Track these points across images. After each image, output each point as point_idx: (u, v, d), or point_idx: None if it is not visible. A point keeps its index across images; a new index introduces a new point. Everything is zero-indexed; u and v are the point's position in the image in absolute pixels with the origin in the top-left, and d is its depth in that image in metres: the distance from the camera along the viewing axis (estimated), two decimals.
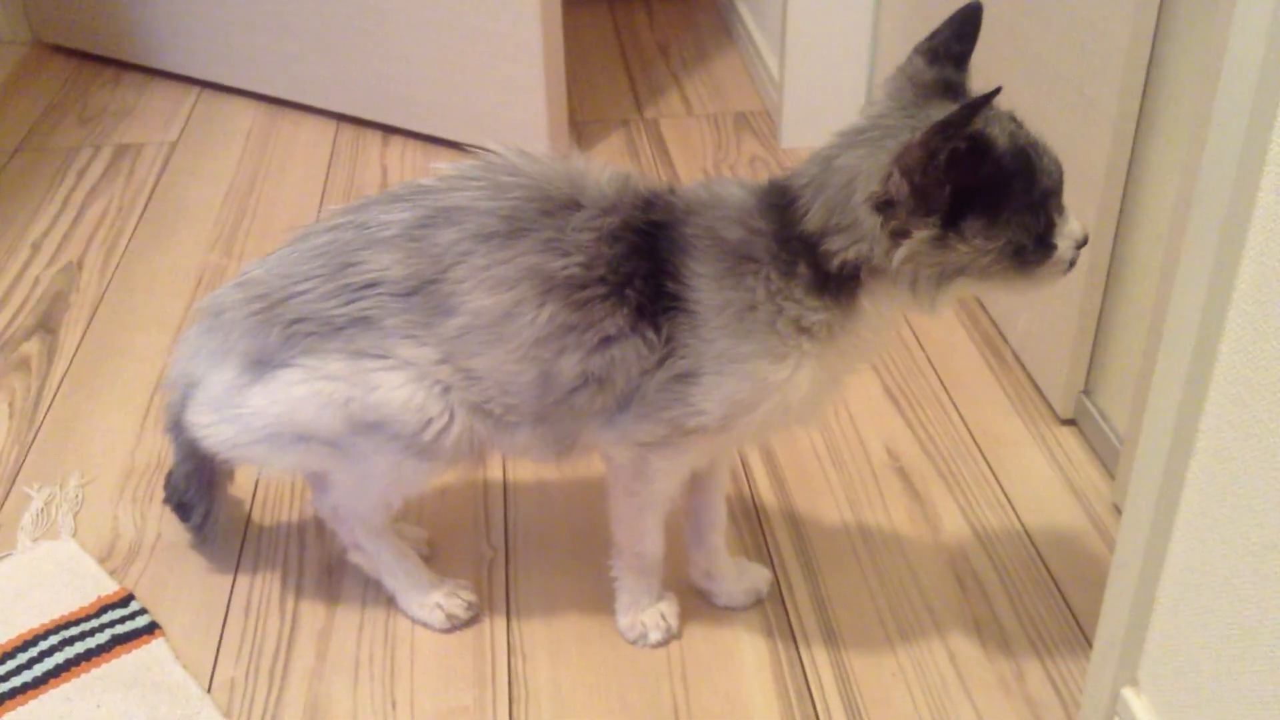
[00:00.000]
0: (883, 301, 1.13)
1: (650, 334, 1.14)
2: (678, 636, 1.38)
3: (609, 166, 1.21)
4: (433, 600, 1.38)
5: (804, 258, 1.11)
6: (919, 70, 1.13)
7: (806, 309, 1.12)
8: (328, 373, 1.19)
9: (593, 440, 1.23)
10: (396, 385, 1.18)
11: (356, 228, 1.20)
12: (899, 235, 1.07)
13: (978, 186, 1.04)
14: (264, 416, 1.22)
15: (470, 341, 1.17)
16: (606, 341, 1.15)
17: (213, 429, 1.26)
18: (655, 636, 1.36)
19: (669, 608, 1.37)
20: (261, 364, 1.22)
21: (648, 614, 1.36)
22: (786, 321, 1.12)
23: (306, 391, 1.20)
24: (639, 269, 1.14)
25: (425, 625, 1.39)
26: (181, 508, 1.45)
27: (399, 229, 1.18)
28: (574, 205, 1.16)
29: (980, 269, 1.08)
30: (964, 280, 1.10)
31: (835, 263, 1.10)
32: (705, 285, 1.13)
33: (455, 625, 1.38)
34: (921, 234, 1.06)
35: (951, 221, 1.05)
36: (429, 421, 1.19)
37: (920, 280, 1.09)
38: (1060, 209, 1.10)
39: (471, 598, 1.40)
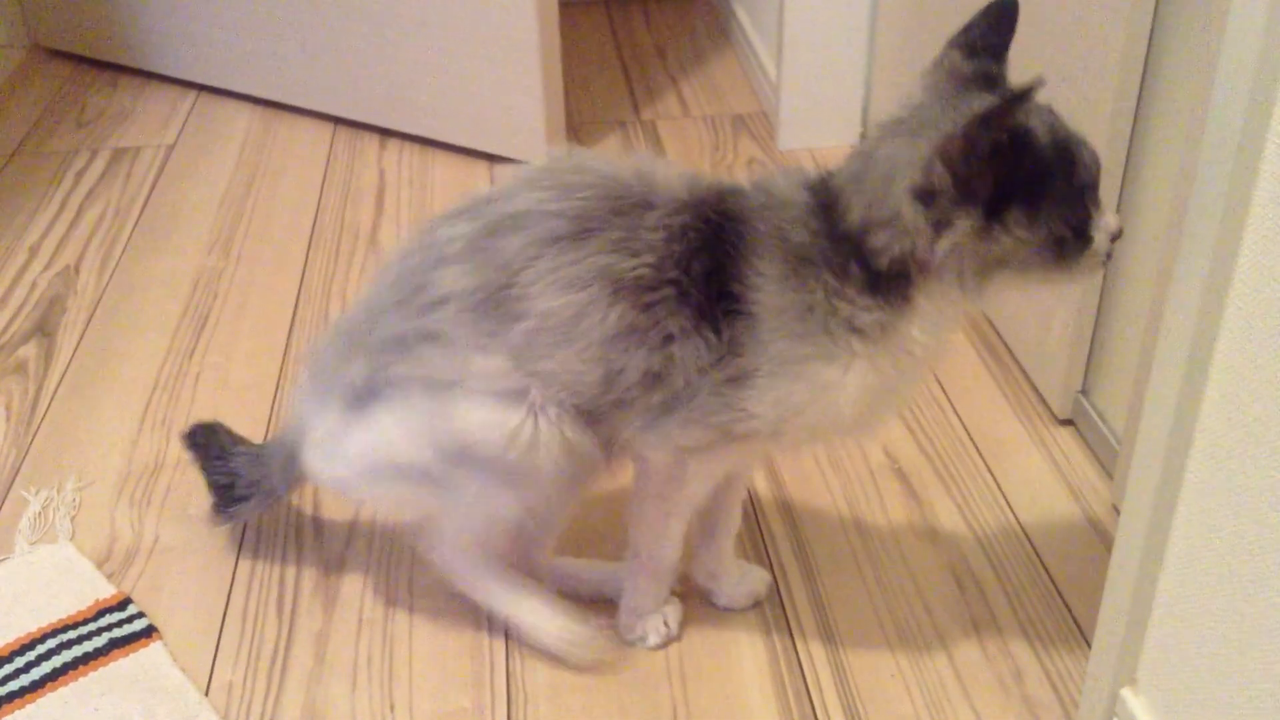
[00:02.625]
0: (936, 298, 1.12)
1: (710, 334, 1.14)
2: (676, 639, 1.37)
3: (675, 165, 1.20)
4: (559, 626, 1.34)
5: (854, 257, 1.11)
6: (957, 64, 1.13)
7: (859, 309, 1.11)
8: (411, 405, 1.20)
9: (631, 441, 1.21)
10: (473, 408, 1.18)
11: (424, 250, 1.21)
12: (941, 226, 1.06)
13: (1020, 178, 1.04)
14: (363, 453, 1.24)
15: (539, 344, 1.15)
16: (669, 340, 1.14)
17: (325, 471, 1.29)
18: (654, 640, 1.36)
19: (672, 612, 1.37)
20: (357, 400, 1.24)
21: (650, 617, 1.36)
22: (839, 321, 1.11)
23: (395, 425, 1.21)
24: (704, 265, 1.13)
25: (555, 655, 1.35)
26: (223, 490, 1.45)
27: (465, 242, 1.18)
28: (647, 204, 1.15)
29: (1021, 261, 1.08)
30: (1006, 273, 1.09)
31: (884, 260, 1.09)
32: (768, 286, 1.12)
33: (583, 656, 1.34)
34: (964, 224, 1.06)
35: (994, 212, 1.06)
36: (513, 435, 1.17)
37: (965, 273, 1.09)
38: (1097, 202, 1.10)
39: (596, 629, 1.35)
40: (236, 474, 1.45)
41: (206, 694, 1.32)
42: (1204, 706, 1.05)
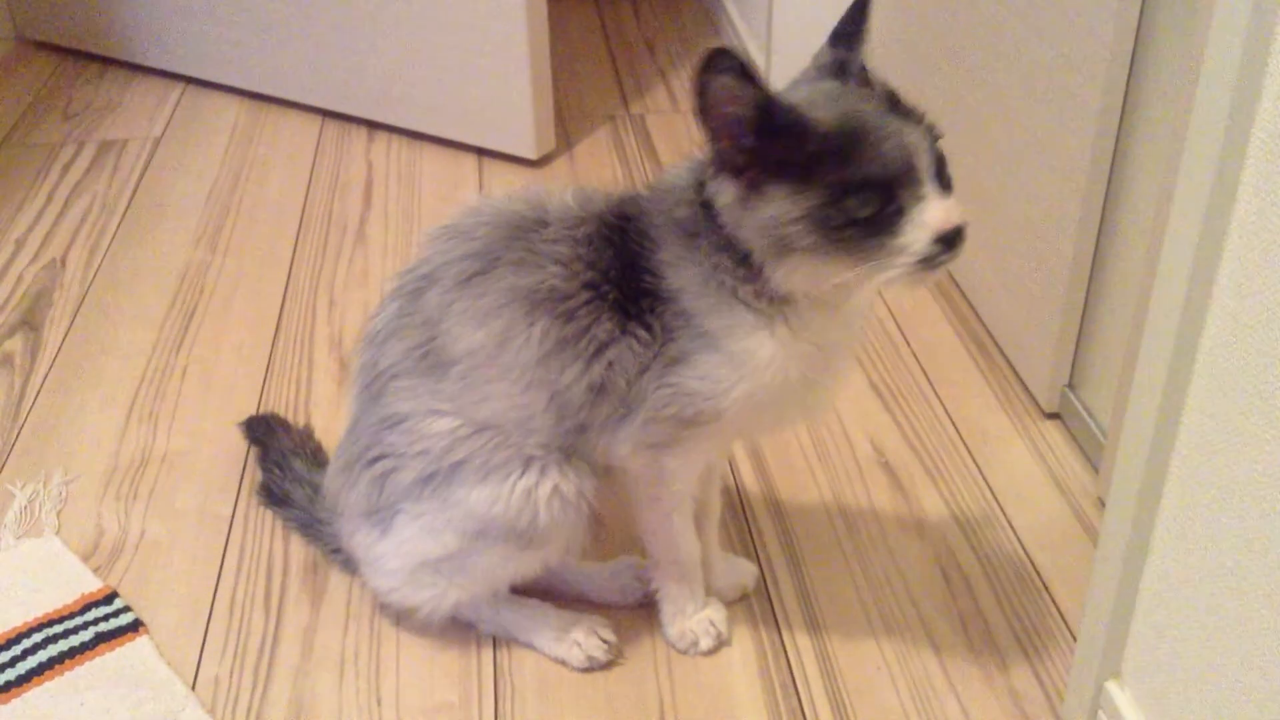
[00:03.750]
0: (785, 278, 1.10)
1: (641, 331, 1.14)
2: (728, 643, 1.37)
3: (570, 187, 1.22)
4: (571, 638, 1.35)
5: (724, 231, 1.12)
6: (822, 52, 1.14)
7: (739, 280, 1.11)
8: (421, 507, 1.24)
9: (606, 454, 1.22)
10: (471, 490, 1.21)
11: (367, 342, 1.25)
12: (716, 194, 1.08)
13: (781, 155, 1.03)
14: (397, 559, 1.28)
15: (476, 384, 1.17)
16: (603, 348, 1.15)
17: (376, 583, 1.34)
18: (706, 643, 1.35)
19: (716, 613, 1.37)
20: (378, 518, 1.28)
21: (695, 621, 1.35)
22: (728, 294, 1.12)
23: (416, 529, 1.25)
24: (614, 265, 1.15)
25: (563, 663, 1.34)
26: (271, 495, 1.53)
27: (394, 320, 1.22)
28: (541, 223, 1.17)
29: (806, 243, 1.04)
30: (801, 255, 1.05)
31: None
32: (670, 271, 1.14)
33: (594, 666, 1.34)
34: (728, 193, 1.07)
35: (754, 185, 1.05)
36: (512, 503, 1.20)
37: (764, 250, 1.07)
38: (918, 196, 1.03)
39: (611, 638, 1.35)
40: (290, 499, 1.50)
41: (193, 688, 1.32)
42: (1188, 699, 1.05)
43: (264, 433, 1.59)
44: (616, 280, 1.14)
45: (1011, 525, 1.53)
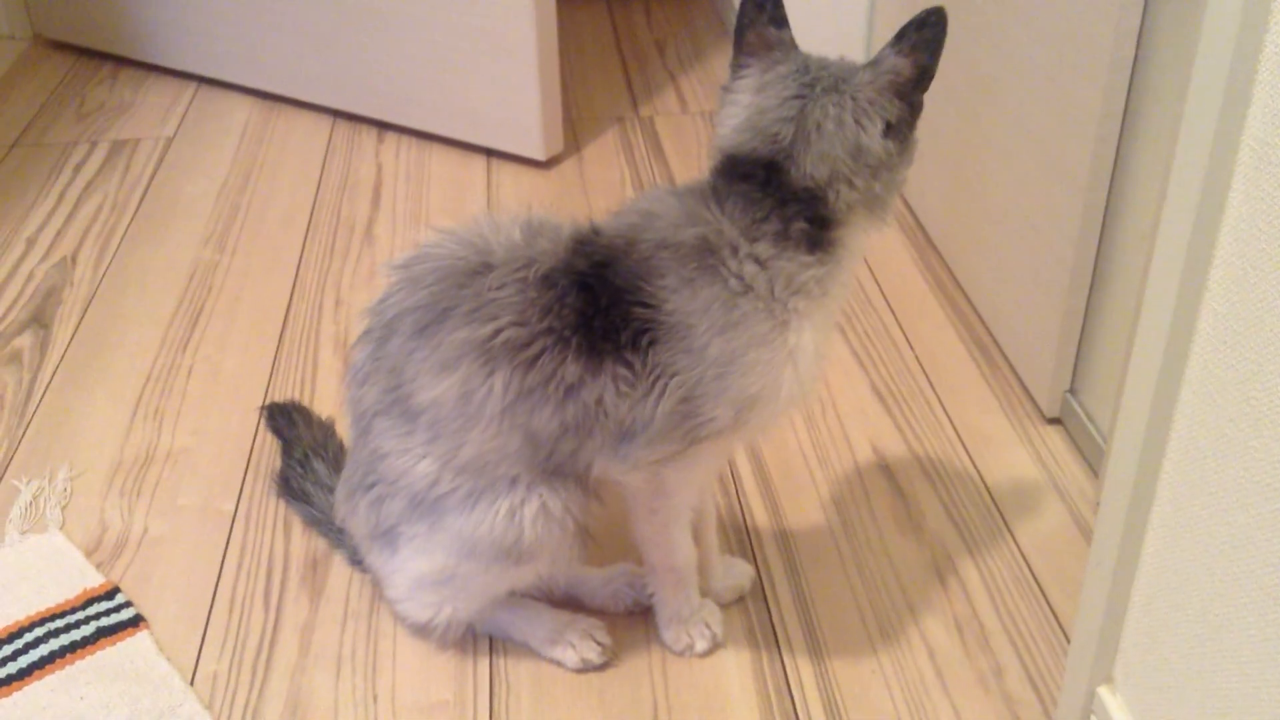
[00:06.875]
0: (858, 232, 1.17)
1: (620, 369, 1.14)
2: (724, 645, 1.37)
3: (517, 217, 1.21)
4: (566, 639, 1.36)
5: (800, 216, 1.13)
6: (768, 34, 1.21)
7: (800, 265, 1.13)
8: (415, 529, 1.26)
9: (604, 471, 1.22)
10: (458, 516, 1.22)
11: (351, 375, 1.27)
12: (904, 149, 1.14)
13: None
14: (404, 575, 1.31)
15: (446, 433, 1.18)
16: (573, 389, 1.14)
17: (389, 595, 1.37)
18: (702, 645, 1.36)
19: (711, 615, 1.37)
20: (379, 535, 1.30)
21: (691, 624, 1.36)
22: (783, 285, 1.13)
23: (413, 550, 1.27)
24: (586, 309, 1.14)
25: (558, 664, 1.35)
26: (290, 489, 1.55)
27: (369, 363, 1.24)
28: (486, 267, 1.17)
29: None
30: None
31: (839, 207, 1.13)
32: (677, 297, 1.13)
33: (588, 667, 1.35)
34: (907, 127, 1.15)
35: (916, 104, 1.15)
36: (497, 525, 1.21)
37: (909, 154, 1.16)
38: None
39: (606, 640, 1.36)
40: (310, 499, 1.51)
41: (191, 684, 1.33)
42: (1177, 704, 1.05)
43: (285, 424, 1.60)
44: (578, 324, 1.14)
45: (1010, 530, 1.53)
